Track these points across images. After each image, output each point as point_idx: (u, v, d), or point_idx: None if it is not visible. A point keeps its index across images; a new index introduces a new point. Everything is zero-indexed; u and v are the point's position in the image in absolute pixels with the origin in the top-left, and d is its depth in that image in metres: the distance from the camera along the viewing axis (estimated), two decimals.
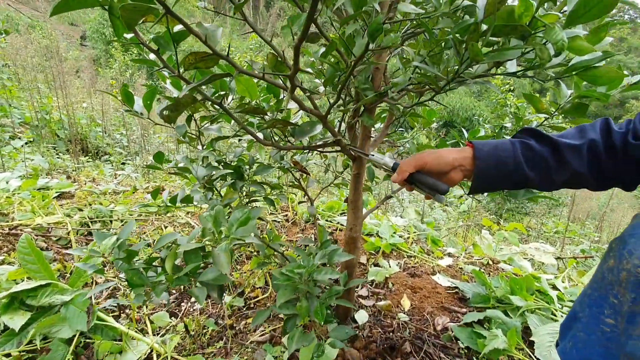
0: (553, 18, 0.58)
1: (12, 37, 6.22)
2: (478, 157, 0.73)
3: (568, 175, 0.74)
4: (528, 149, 0.73)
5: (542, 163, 0.73)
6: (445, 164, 0.75)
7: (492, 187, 0.76)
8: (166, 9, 0.53)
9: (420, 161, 0.76)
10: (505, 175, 0.73)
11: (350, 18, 0.60)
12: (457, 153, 0.76)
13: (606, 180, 0.75)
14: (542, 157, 0.73)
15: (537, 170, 0.74)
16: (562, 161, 0.72)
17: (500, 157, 0.73)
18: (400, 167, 0.78)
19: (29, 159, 3.28)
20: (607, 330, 0.73)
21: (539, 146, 0.73)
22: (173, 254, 0.74)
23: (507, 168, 0.73)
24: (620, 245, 0.69)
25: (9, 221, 1.80)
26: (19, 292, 1.17)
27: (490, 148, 0.73)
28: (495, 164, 0.73)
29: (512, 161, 0.72)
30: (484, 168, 0.73)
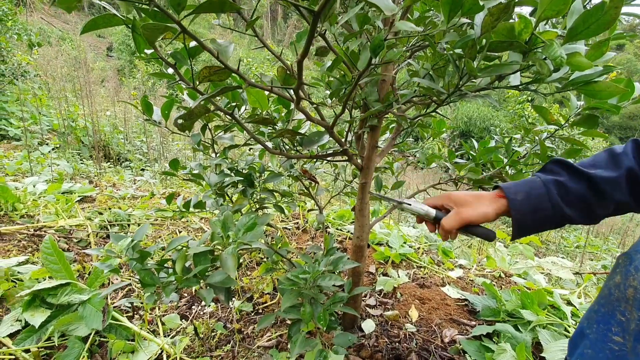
0: (552, 35, 0.60)
1: (44, 48, 6.60)
2: (513, 208, 0.70)
3: (612, 208, 0.71)
4: (564, 190, 0.70)
5: (582, 202, 0.70)
6: (488, 218, 0.73)
7: (533, 231, 0.73)
8: (182, 28, 0.58)
9: (465, 220, 0.74)
10: (545, 219, 0.71)
11: (352, 35, 0.63)
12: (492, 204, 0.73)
13: None
14: (579, 195, 0.69)
15: (577, 209, 0.71)
16: (603, 197, 0.70)
17: (536, 204, 0.70)
18: (444, 227, 0.75)
19: (55, 164, 3.44)
20: (615, 349, 0.71)
21: (575, 185, 0.70)
22: (183, 256, 0.78)
23: (545, 213, 0.70)
24: (627, 261, 0.68)
25: (34, 223, 1.90)
26: (40, 290, 1.24)
27: (523, 197, 0.70)
28: (533, 212, 0.70)
29: (549, 205, 0.70)
30: (522, 218, 0.71)
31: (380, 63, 0.66)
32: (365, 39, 0.78)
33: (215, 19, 0.80)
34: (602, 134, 1.06)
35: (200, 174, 1.18)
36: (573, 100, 0.98)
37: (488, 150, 1.26)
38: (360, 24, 0.66)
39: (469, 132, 18.88)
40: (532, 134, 1.27)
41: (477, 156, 1.27)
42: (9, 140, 4.73)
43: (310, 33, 0.53)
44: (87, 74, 5.38)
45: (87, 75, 5.28)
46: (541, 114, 1.04)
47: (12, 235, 1.74)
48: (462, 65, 0.65)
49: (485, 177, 1.26)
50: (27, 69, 5.53)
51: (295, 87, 0.69)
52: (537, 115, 1.74)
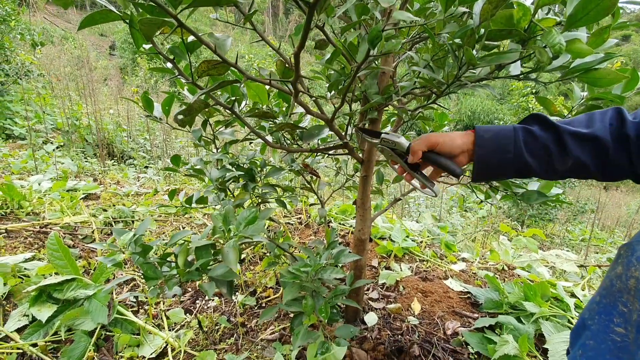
0: (550, 22, 0.59)
1: (47, 48, 6.63)
2: (478, 143, 0.72)
3: (570, 164, 0.71)
4: (530, 136, 0.71)
5: (544, 150, 0.71)
6: (456, 146, 0.75)
7: (493, 174, 0.75)
8: (178, 22, 0.58)
9: (432, 139, 0.76)
10: (506, 161, 0.72)
11: (350, 26, 0.63)
12: (463, 137, 0.76)
13: (614, 171, 0.71)
14: (543, 144, 0.70)
15: (538, 157, 0.71)
16: (564, 149, 0.70)
17: (500, 143, 0.71)
18: (413, 148, 0.77)
19: (60, 162, 3.47)
20: (617, 340, 0.71)
21: (542, 133, 0.71)
22: (185, 250, 0.79)
23: (507, 155, 0.71)
24: (629, 252, 0.68)
25: (40, 220, 1.92)
26: (46, 285, 1.25)
27: (491, 135, 0.72)
28: (495, 150, 0.71)
29: (512, 147, 0.71)
30: (484, 154, 0.72)
31: (378, 55, 0.66)
32: (364, 31, 0.78)
33: (213, 13, 0.80)
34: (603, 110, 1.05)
35: (202, 169, 1.19)
36: (576, 91, 0.97)
37: None
38: (359, 15, 0.66)
39: (472, 126, 18.75)
40: None
41: None
42: (14, 139, 4.78)
43: (306, 25, 0.53)
44: (90, 72, 5.40)
45: (90, 74, 5.30)
46: (544, 105, 1.03)
47: (18, 233, 1.76)
48: (461, 55, 0.65)
49: None
50: (30, 69, 5.57)
51: (293, 80, 0.69)
52: (542, 108, 1.74)
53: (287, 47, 1.00)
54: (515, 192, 1.18)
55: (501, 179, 0.78)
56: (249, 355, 1.17)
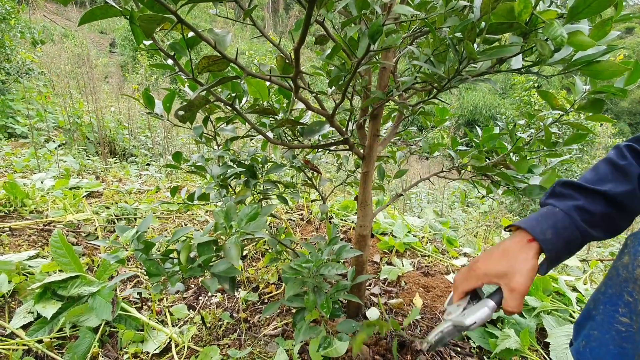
0: (552, 14, 0.59)
1: (47, 46, 6.62)
2: (546, 249, 0.67)
3: (632, 217, 0.72)
4: (585, 214, 0.68)
5: (606, 220, 0.70)
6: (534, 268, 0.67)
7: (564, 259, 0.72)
8: (178, 19, 0.58)
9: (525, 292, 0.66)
10: (575, 247, 0.70)
11: (350, 21, 0.63)
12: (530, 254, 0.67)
13: None
14: (603, 215, 0.69)
15: (602, 228, 0.70)
16: (624, 210, 0.69)
17: (566, 237, 0.68)
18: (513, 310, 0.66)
19: (62, 161, 3.49)
20: (621, 330, 0.71)
21: (594, 206, 0.69)
22: (187, 246, 0.79)
23: (576, 242, 0.69)
24: (635, 241, 0.68)
25: (43, 218, 1.93)
26: (51, 283, 1.27)
27: (552, 234, 0.67)
28: (565, 245, 0.69)
29: (578, 234, 0.68)
30: (556, 255, 0.69)
31: (379, 50, 0.65)
32: (364, 26, 0.77)
33: (213, 9, 0.80)
34: (608, 119, 1.04)
35: (203, 166, 1.19)
36: (578, 84, 0.96)
37: (491, 137, 1.25)
38: (359, 9, 0.66)
39: (474, 121, 18.67)
40: (536, 119, 1.26)
41: (480, 143, 1.26)
42: (16, 137, 4.80)
43: (306, 20, 0.52)
44: (91, 70, 5.40)
45: (90, 72, 5.30)
46: (546, 99, 1.02)
47: (22, 231, 1.78)
48: (461, 49, 0.64)
49: (489, 164, 1.25)
50: (31, 67, 5.57)
51: (293, 76, 0.69)
52: (544, 102, 1.71)
53: (288, 42, 1.00)
54: (517, 187, 1.18)
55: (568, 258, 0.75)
56: (252, 351, 1.18)
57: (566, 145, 1.18)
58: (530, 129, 1.35)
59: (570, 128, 1.11)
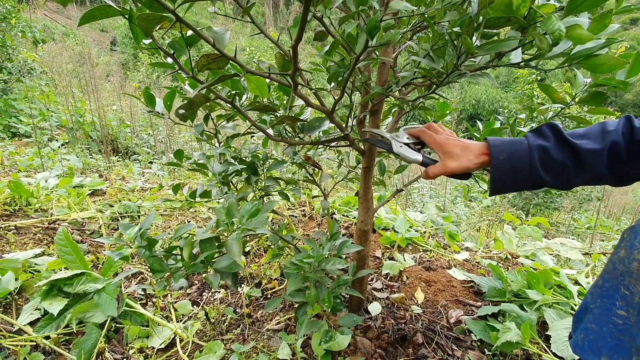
0: (550, 8, 0.59)
1: (49, 45, 6.63)
2: (494, 165, 0.73)
3: (587, 178, 0.73)
4: (545, 154, 0.72)
5: (560, 167, 0.72)
6: (469, 171, 0.78)
7: (510, 190, 0.76)
8: (176, 17, 0.58)
9: (448, 172, 0.78)
10: (521, 180, 0.73)
11: (348, 17, 0.63)
12: (476, 160, 0.76)
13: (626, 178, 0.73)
14: (560, 162, 0.71)
15: (554, 174, 0.73)
16: (581, 165, 0.71)
17: (516, 166, 0.72)
18: (429, 174, 0.81)
19: (65, 159, 3.51)
20: (619, 323, 0.72)
21: (557, 151, 0.72)
22: (190, 242, 0.80)
23: (523, 174, 0.72)
24: (632, 235, 0.68)
25: (48, 216, 1.95)
26: (57, 280, 1.29)
27: (505, 157, 0.73)
28: (511, 172, 0.72)
29: (528, 167, 0.72)
30: (500, 176, 0.73)
31: (377, 45, 0.66)
32: (363, 22, 0.77)
33: (212, 6, 0.80)
34: (609, 111, 1.04)
35: (205, 163, 1.20)
36: (579, 77, 0.96)
37: (492, 132, 1.25)
38: (357, 5, 0.66)
39: (477, 115, 18.55)
40: (537, 113, 1.25)
41: (481, 137, 1.25)
42: (19, 137, 4.83)
43: (302, 18, 0.53)
44: (92, 69, 5.41)
45: (92, 71, 5.31)
46: (547, 92, 1.02)
47: (27, 229, 1.80)
48: (459, 44, 0.65)
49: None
50: (33, 66, 5.59)
51: (292, 73, 0.69)
52: (545, 97, 1.69)
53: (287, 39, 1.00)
54: None
55: (515, 191, 0.79)
56: (255, 345, 1.20)
57: None
58: (532, 122, 1.35)
59: (573, 121, 1.10)
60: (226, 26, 0.72)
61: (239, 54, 14.76)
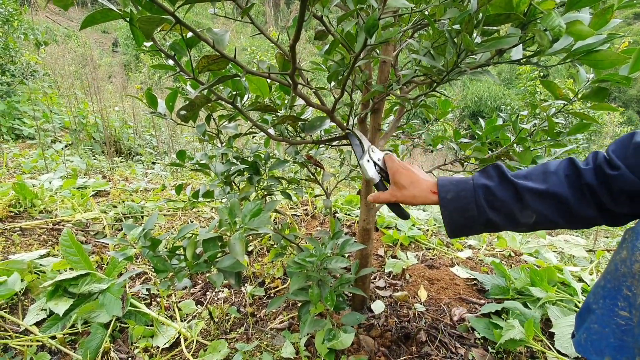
0: (550, 4, 0.59)
1: (51, 47, 6.66)
2: (442, 204, 0.75)
3: (534, 219, 0.73)
4: (489, 194, 0.73)
5: (505, 207, 0.72)
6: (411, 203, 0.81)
7: (464, 230, 0.77)
8: (176, 19, 0.58)
9: (394, 201, 0.82)
10: (471, 219, 0.74)
11: (346, 16, 0.63)
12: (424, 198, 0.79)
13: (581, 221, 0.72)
14: (503, 200, 0.72)
15: (501, 213, 0.73)
16: (524, 205, 0.71)
17: (461, 203, 0.74)
18: (376, 198, 0.84)
19: (69, 161, 3.53)
20: (621, 323, 0.72)
21: (500, 191, 0.73)
22: (193, 242, 0.81)
23: (471, 214, 0.73)
24: (633, 236, 0.68)
25: (52, 217, 1.97)
26: (62, 280, 1.30)
27: (452, 196, 0.75)
28: (458, 210, 0.74)
29: (475, 207, 0.73)
30: (449, 215, 0.75)
31: (376, 44, 0.66)
32: (362, 20, 0.77)
33: (211, 7, 0.80)
34: (613, 107, 1.03)
35: (207, 163, 1.20)
36: (582, 73, 0.95)
37: (494, 129, 1.24)
38: (355, 3, 0.66)
39: (479, 112, 18.45)
40: (539, 109, 1.25)
41: (483, 135, 1.25)
42: (23, 139, 4.86)
43: (299, 17, 0.53)
44: (95, 70, 5.43)
45: (94, 72, 5.33)
46: (549, 89, 1.02)
47: (32, 230, 1.81)
48: (459, 41, 0.64)
49: (491, 155, 1.25)
50: (35, 68, 5.62)
51: (291, 73, 0.69)
52: (548, 93, 1.67)
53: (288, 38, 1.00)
54: None
55: (473, 234, 0.79)
56: (259, 344, 1.20)
57: (570, 135, 1.17)
58: (535, 119, 1.34)
59: (576, 118, 1.10)
60: (227, 26, 0.73)
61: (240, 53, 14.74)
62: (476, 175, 0.77)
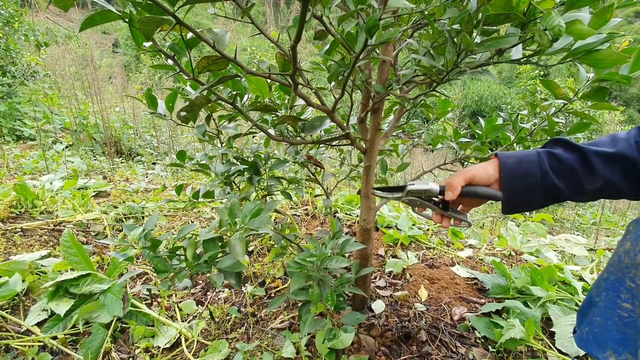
0: (550, 4, 0.59)
1: (51, 48, 6.67)
2: (503, 169, 0.71)
3: (599, 184, 0.70)
4: (555, 159, 0.70)
5: (571, 172, 0.69)
6: (489, 176, 0.73)
7: (523, 201, 0.72)
8: (176, 20, 0.58)
9: (469, 173, 0.74)
10: (533, 186, 0.70)
11: (347, 16, 0.63)
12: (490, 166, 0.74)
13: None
14: (570, 165, 0.69)
15: (566, 179, 0.70)
16: (592, 170, 0.69)
17: (525, 167, 0.70)
18: (451, 184, 0.74)
19: (70, 162, 3.54)
20: (624, 316, 0.71)
21: (566, 155, 0.70)
22: (193, 243, 0.81)
23: (534, 179, 0.69)
24: (638, 227, 0.68)
25: (53, 218, 1.97)
26: (63, 281, 1.30)
27: (514, 161, 0.71)
28: (522, 175, 0.70)
29: (539, 171, 0.69)
30: (510, 180, 0.71)
31: (376, 44, 0.66)
32: (362, 20, 0.77)
33: (211, 8, 0.80)
34: (613, 106, 1.03)
35: (207, 164, 1.20)
36: (582, 72, 0.95)
37: (494, 128, 1.24)
38: (356, 4, 0.66)
39: (480, 112, 18.43)
40: (540, 108, 1.25)
41: (482, 134, 1.25)
42: (24, 140, 4.87)
43: (301, 18, 0.53)
44: (95, 71, 5.43)
45: (94, 73, 5.33)
46: (549, 88, 1.01)
47: (33, 231, 1.82)
48: (459, 41, 0.64)
49: (491, 155, 1.25)
50: (36, 70, 5.63)
51: (291, 73, 0.69)
52: (548, 92, 1.66)
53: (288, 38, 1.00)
54: None
55: (532, 208, 0.74)
56: (260, 344, 1.20)
57: (570, 134, 1.17)
58: (535, 118, 1.34)
59: (576, 117, 1.10)
60: (227, 26, 0.73)
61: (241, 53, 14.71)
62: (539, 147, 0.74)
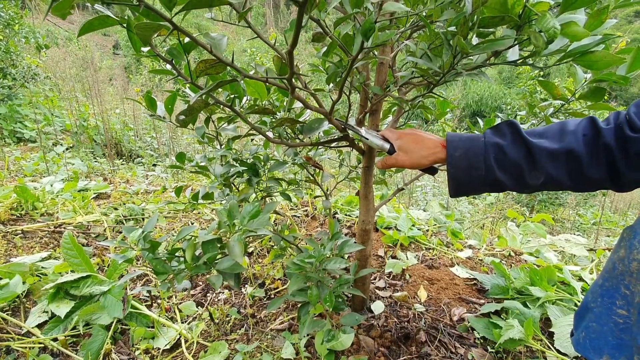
0: (545, 6, 0.59)
1: (52, 50, 6.69)
2: (450, 162, 0.73)
3: (542, 180, 0.70)
4: (500, 152, 0.70)
5: (515, 166, 0.70)
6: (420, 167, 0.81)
7: (468, 189, 0.75)
8: (173, 26, 0.59)
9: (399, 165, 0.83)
10: (477, 178, 0.72)
11: (343, 19, 0.64)
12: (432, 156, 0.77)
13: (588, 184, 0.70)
14: (514, 160, 0.70)
15: (509, 173, 0.71)
16: (535, 165, 0.69)
17: (470, 161, 0.71)
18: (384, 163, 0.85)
19: (70, 163, 3.55)
20: (619, 322, 0.72)
21: (512, 149, 0.70)
22: (192, 244, 0.82)
23: (479, 173, 0.71)
24: (631, 234, 0.68)
25: (54, 220, 1.98)
26: (63, 283, 1.30)
27: (461, 154, 0.72)
28: (467, 168, 0.72)
29: (483, 165, 0.71)
30: (456, 173, 0.73)
31: (372, 47, 0.66)
32: (358, 23, 0.78)
33: (209, 12, 0.81)
34: (610, 107, 1.04)
35: (206, 165, 1.21)
36: (579, 73, 0.96)
37: None
38: (353, 6, 0.66)
39: (480, 112, 18.43)
40: (537, 109, 1.25)
41: None
42: (25, 142, 4.88)
43: (297, 22, 0.53)
44: (95, 73, 5.45)
45: (95, 75, 5.35)
46: (547, 89, 1.02)
47: (34, 233, 1.82)
48: (454, 43, 0.65)
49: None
50: (36, 72, 5.64)
51: (288, 77, 0.70)
52: (547, 93, 1.66)
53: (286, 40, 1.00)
54: None
55: (475, 193, 0.77)
56: (259, 345, 1.21)
57: None
58: (534, 119, 1.34)
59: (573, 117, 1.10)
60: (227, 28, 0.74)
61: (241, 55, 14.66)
62: (488, 132, 0.74)
